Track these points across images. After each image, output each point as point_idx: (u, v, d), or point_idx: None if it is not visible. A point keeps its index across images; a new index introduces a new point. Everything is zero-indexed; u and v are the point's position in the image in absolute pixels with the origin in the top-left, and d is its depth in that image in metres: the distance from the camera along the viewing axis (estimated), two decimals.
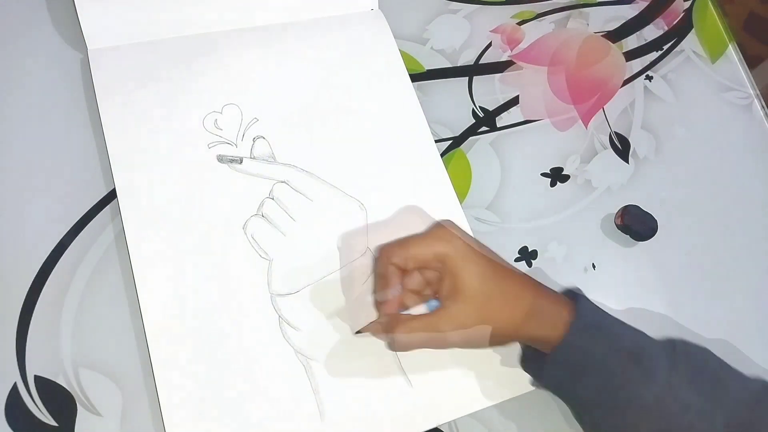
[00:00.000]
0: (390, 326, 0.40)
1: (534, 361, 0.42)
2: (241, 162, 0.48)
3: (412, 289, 0.43)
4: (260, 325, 0.44)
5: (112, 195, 0.47)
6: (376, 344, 0.44)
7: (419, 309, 0.44)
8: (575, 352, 0.39)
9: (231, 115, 0.50)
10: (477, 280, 0.40)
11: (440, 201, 0.50)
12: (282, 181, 0.48)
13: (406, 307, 0.43)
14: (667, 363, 0.39)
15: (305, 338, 0.44)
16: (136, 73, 0.50)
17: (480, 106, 0.55)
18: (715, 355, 0.41)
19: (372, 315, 0.45)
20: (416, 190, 0.50)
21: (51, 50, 0.51)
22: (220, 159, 0.48)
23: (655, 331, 0.41)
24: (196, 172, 0.47)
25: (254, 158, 0.48)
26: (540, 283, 0.43)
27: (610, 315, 0.42)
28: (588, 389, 0.39)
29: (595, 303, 0.42)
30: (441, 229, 0.42)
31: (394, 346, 0.41)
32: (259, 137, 0.49)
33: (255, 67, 0.52)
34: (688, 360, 0.39)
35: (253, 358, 0.43)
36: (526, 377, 0.44)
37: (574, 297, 0.42)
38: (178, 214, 0.46)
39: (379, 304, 0.43)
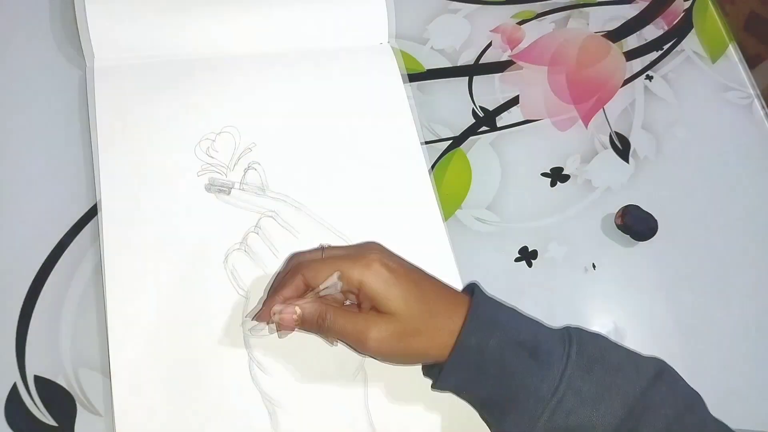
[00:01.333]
0: (317, 310, 0.39)
1: (432, 365, 0.42)
2: (229, 193, 0.47)
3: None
4: (230, 364, 0.42)
5: None
6: (347, 395, 0.43)
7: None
8: (472, 353, 0.39)
9: (226, 141, 0.49)
10: (401, 302, 0.39)
11: (430, 245, 0.48)
12: (270, 215, 0.46)
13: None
14: (562, 354, 0.39)
15: (273, 383, 0.42)
16: (135, 93, 0.49)
17: (480, 106, 0.55)
18: (610, 341, 0.41)
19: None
20: (405, 228, 0.48)
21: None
22: (208, 188, 0.47)
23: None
24: (184, 197, 0.46)
25: (243, 188, 0.47)
26: (449, 285, 0.42)
27: (506, 307, 0.42)
28: (488, 388, 0.39)
29: (490, 296, 0.42)
30: (366, 259, 0.40)
31: (315, 328, 0.40)
32: (251, 167, 0.48)
33: (257, 93, 0.51)
34: (583, 349, 0.39)
35: (219, 398, 0.41)
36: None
37: (472, 291, 0.42)
38: (160, 240, 0.45)
39: (269, 307, 0.40)
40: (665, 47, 0.61)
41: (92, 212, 0.46)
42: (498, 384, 0.39)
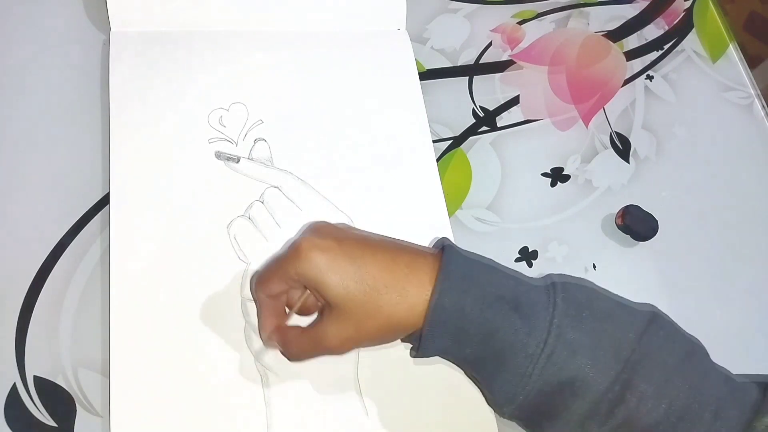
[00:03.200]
0: (281, 342, 0.39)
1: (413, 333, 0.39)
2: (238, 161, 0.47)
3: (303, 306, 0.41)
4: (225, 327, 0.43)
5: None
6: (338, 366, 0.43)
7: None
8: (449, 315, 0.36)
9: (237, 114, 0.49)
10: (341, 289, 0.36)
11: (432, 228, 0.48)
12: (275, 186, 0.47)
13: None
14: (548, 305, 0.36)
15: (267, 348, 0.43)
16: (152, 60, 0.50)
17: (480, 106, 0.55)
18: (596, 287, 0.39)
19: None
20: (409, 211, 0.49)
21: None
22: (218, 155, 0.48)
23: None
24: (192, 165, 0.47)
25: (252, 159, 0.48)
26: (409, 247, 0.39)
27: (480, 262, 0.39)
28: (472, 349, 0.37)
29: (464, 251, 0.39)
30: (295, 246, 0.37)
31: (289, 359, 0.40)
32: (260, 140, 0.49)
33: (270, 70, 0.52)
34: (570, 296, 0.37)
35: (213, 359, 0.42)
36: (490, 419, 0.43)
37: (442, 248, 0.39)
38: (166, 204, 0.45)
39: (264, 336, 0.41)
40: (666, 47, 0.61)
41: (92, 212, 0.46)
42: (482, 344, 0.36)
